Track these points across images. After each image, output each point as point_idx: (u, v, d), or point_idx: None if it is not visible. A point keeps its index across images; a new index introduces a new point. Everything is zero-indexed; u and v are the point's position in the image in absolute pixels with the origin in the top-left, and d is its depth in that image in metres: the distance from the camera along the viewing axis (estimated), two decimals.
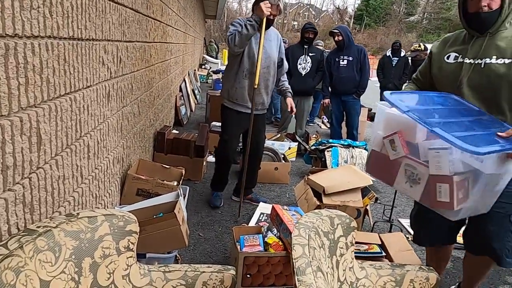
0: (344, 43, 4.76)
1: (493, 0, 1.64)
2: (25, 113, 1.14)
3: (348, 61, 4.83)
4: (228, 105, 2.93)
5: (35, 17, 1.16)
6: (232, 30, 2.71)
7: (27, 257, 0.92)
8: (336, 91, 4.97)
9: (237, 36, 2.65)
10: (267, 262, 2.10)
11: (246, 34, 2.65)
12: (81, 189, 1.68)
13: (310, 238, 1.10)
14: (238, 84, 2.84)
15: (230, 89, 2.88)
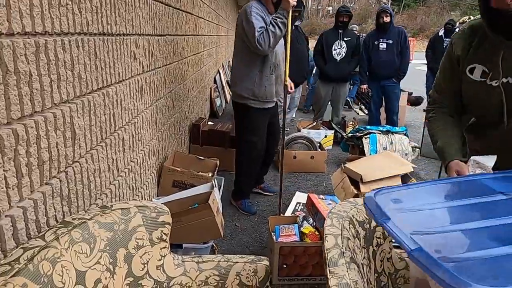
0: (390, 25, 4.59)
1: None
2: (58, 109, 1.17)
3: (388, 44, 4.64)
4: (256, 105, 2.72)
5: (64, 14, 1.19)
6: (259, 28, 2.46)
7: (63, 248, 0.95)
8: (375, 76, 4.80)
9: (271, 37, 2.43)
10: (304, 252, 2.07)
11: (280, 35, 2.47)
12: (117, 182, 1.72)
13: (343, 228, 1.06)
14: (267, 81, 2.66)
15: (258, 88, 2.67)
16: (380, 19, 4.65)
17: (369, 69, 4.83)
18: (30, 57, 1.01)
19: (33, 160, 1.04)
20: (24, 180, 1.01)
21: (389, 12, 4.62)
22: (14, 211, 0.96)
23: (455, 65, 1.39)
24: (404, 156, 3.63)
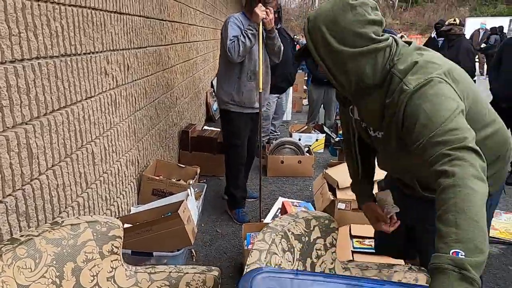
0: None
1: None
2: (12, 131, 1.25)
3: None
4: (236, 110, 2.81)
5: (17, 43, 1.27)
6: (232, 37, 2.59)
7: (5, 264, 1.02)
8: None
9: (241, 47, 2.55)
10: None
11: (250, 45, 2.58)
12: (86, 194, 1.80)
13: (272, 243, 1.12)
14: (244, 87, 2.75)
15: (236, 94, 2.76)
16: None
17: None
18: None
19: None
20: None
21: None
22: None
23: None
24: None
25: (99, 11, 1.92)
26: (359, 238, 2.38)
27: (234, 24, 2.67)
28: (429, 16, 32.33)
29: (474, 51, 4.38)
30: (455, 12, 32.40)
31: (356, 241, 2.35)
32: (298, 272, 0.86)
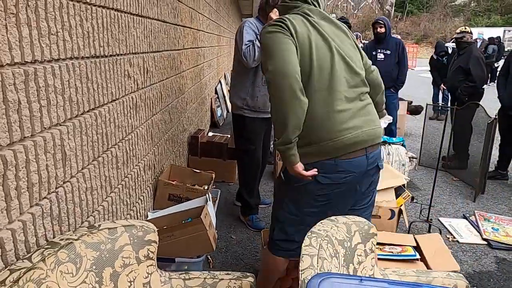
0: (386, 35, 4.63)
1: None
2: (49, 132, 1.22)
3: (386, 55, 4.69)
4: (250, 115, 2.78)
5: (54, 42, 1.24)
6: (247, 41, 2.56)
7: (49, 269, 0.99)
8: None
9: (256, 51, 2.52)
10: (296, 266, 2.10)
11: None
12: (110, 198, 1.76)
13: (321, 248, 1.09)
14: (259, 92, 2.72)
15: (250, 99, 2.74)
16: (375, 29, 4.71)
17: None
18: (19, 86, 1.06)
19: (22, 184, 1.09)
20: (13, 203, 1.05)
21: (383, 23, 4.66)
22: (2, 234, 1.01)
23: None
24: (401, 166, 3.65)
25: (124, 13, 1.90)
26: (379, 244, 2.36)
27: (249, 28, 2.66)
28: (425, 26, 32.74)
29: (484, 59, 4.41)
30: (450, 22, 32.84)
31: (377, 248, 2.32)
32: (363, 278, 0.84)
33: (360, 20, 38.45)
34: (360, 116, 1.59)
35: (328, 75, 1.55)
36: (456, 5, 35.93)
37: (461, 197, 3.72)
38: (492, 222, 3.12)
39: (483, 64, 4.29)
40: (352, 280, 0.85)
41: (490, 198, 3.73)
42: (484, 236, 2.90)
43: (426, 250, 2.28)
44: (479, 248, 2.78)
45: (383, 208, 2.63)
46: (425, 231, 2.94)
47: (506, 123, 4.00)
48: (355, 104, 1.59)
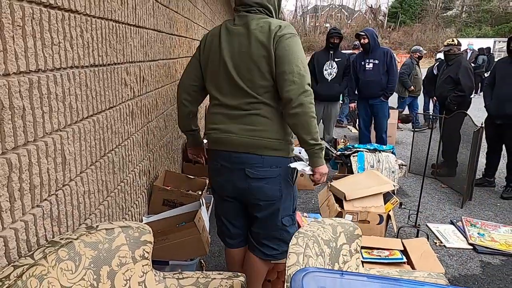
0: (370, 46, 4.75)
1: None
2: (50, 137, 1.28)
3: (374, 64, 4.81)
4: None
5: (56, 52, 1.31)
6: None
7: (50, 266, 1.05)
8: (363, 95, 4.96)
9: None
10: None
11: None
12: (107, 202, 1.82)
13: (307, 247, 1.16)
14: None
15: None
16: (359, 41, 4.87)
17: (357, 88, 5.00)
18: (24, 93, 1.13)
19: (25, 185, 1.15)
20: (16, 204, 1.11)
21: (365, 34, 4.80)
22: (6, 232, 1.07)
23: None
24: (391, 173, 3.74)
25: (122, 24, 1.98)
26: (367, 248, 2.43)
27: None
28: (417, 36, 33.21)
29: (472, 70, 4.55)
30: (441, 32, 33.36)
31: (365, 252, 2.40)
32: (344, 272, 0.90)
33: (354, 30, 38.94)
34: (236, 123, 1.79)
35: (213, 82, 1.89)
36: (448, 16, 36.56)
37: (449, 204, 3.81)
38: (478, 227, 3.21)
39: (471, 74, 4.43)
40: (333, 274, 0.92)
41: (477, 204, 3.83)
42: (470, 241, 2.98)
43: (413, 254, 2.36)
44: (465, 253, 2.86)
45: (372, 213, 2.71)
46: (413, 236, 3.02)
47: (493, 132, 4.12)
48: (231, 111, 1.81)
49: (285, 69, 1.69)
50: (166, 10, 2.96)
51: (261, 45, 1.73)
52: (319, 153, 1.76)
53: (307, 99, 1.67)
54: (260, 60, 1.73)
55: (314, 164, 1.78)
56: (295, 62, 1.69)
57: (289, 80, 1.68)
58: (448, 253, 2.84)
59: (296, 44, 1.73)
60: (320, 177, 1.82)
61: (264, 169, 1.78)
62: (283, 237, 1.91)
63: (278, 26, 1.74)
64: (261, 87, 1.75)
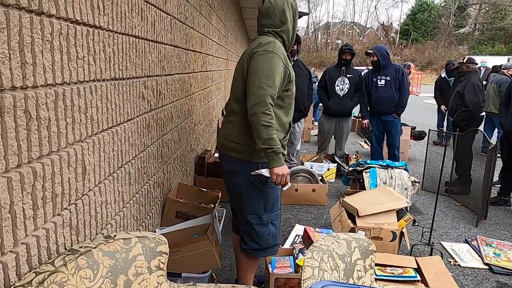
0: (380, 63, 4.78)
1: None
2: (72, 148, 1.32)
3: (386, 81, 4.82)
4: None
5: (81, 66, 1.36)
6: None
7: (70, 273, 1.07)
8: (375, 111, 4.96)
9: None
10: (298, 283, 2.15)
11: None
12: (122, 213, 1.85)
13: (322, 261, 1.17)
14: None
15: None
16: (369, 59, 4.91)
17: (369, 105, 5.00)
18: (50, 105, 1.18)
19: (48, 194, 1.19)
20: (39, 212, 1.15)
21: (373, 52, 4.83)
22: (29, 239, 1.10)
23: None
24: (404, 190, 3.71)
25: (141, 39, 2.04)
26: (380, 266, 2.41)
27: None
28: (429, 53, 33.17)
29: (482, 87, 4.53)
30: (454, 50, 33.29)
31: (378, 269, 2.37)
32: (360, 286, 0.91)
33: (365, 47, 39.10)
34: (222, 127, 2.17)
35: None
36: (460, 33, 36.51)
37: (463, 222, 3.75)
38: (493, 247, 3.15)
39: (478, 91, 4.43)
40: (350, 287, 0.92)
41: (492, 223, 3.76)
42: (486, 261, 2.92)
43: (427, 272, 2.33)
44: (480, 273, 2.81)
45: (385, 229, 2.68)
46: (427, 254, 2.97)
47: (508, 149, 4.07)
48: (224, 118, 2.18)
49: (249, 81, 1.93)
50: (183, 26, 3.04)
51: (244, 60, 2.01)
52: (272, 155, 1.89)
53: (261, 109, 1.85)
54: (239, 73, 2.03)
55: (269, 165, 1.93)
56: (258, 76, 1.89)
57: (249, 91, 1.91)
58: (463, 273, 2.79)
59: (266, 60, 1.92)
60: (276, 177, 1.94)
61: (232, 165, 2.07)
62: (252, 234, 2.09)
63: (259, 44, 1.99)
64: (237, 96, 2.04)
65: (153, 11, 2.21)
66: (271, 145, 1.87)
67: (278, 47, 1.97)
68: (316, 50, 41.74)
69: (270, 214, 2.10)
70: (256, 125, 1.87)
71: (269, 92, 1.87)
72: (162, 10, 2.39)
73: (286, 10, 2.06)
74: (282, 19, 2.06)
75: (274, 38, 2.03)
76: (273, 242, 2.11)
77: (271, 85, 1.88)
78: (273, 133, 1.87)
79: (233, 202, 2.24)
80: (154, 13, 2.23)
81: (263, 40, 1.99)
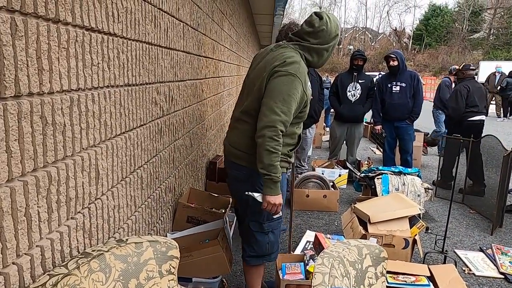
0: (399, 68, 4.74)
1: None
2: (86, 153, 1.35)
3: (401, 87, 4.78)
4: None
5: (95, 72, 1.39)
6: None
7: (82, 276, 1.09)
8: (389, 117, 4.92)
9: None
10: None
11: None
12: (134, 217, 1.87)
13: (332, 267, 1.16)
14: None
15: None
16: (388, 63, 4.83)
17: (383, 110, 4.96)
18: (65, 110, 1.20)
19: (62, 198, 1.21)
20: (53, 215, 1.17)
21: (395, 56, 4.78)
22: (43, 242, 1.12)
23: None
24: (417, 197, 3.66)
25: (154, 46, 2.07)
26: (392, 273, 2.38)
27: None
28: (443, 59, 32.83)
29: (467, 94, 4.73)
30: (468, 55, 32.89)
31: (390, 277, 2.35)
32: None
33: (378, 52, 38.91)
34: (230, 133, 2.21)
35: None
36: (475, 38, 36.07)
37: (478, 230, 3.69)
38: (509, 256, 3.09)
39: (459, 97, 4.64)
40: None
41: (507, 231, 3.69)
42: (501, 270, 2.87)
43: (440, 281, 2.29)
44: (496, 282, 2.75)
45: (397, 237, 2.65)
46: (440, 262, 2.93)
47: None
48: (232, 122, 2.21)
49: (264, 101, 1.88)
50: (195, 32, 3.08)
51: (263, 75, 1.94)
52: (269, 183, 1.86)
53: (269, 133, 1.80)
54: (257, 87, 1.96)
55: (264, 191, 1.90)
56: (274, 99, 1.84)
57: (262, 112, 1.86)
58: (478, 282, 2.74)
59: (286, 83, 1.85)
60: (267, 205, 1.90)
61: (239, 172, 2.06)
62: (252, 241, 2.10)
63: (283, 61, 1.90)
64: (250, 108, 2.00)
65: (166, 18, 2.24)
66: (271, 172, 1.83)
67: (302, 71, 1.90)
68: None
69: (271, 223, 2.09)
70: (260, 148, 1.84)
71: (282, 118, 1.82)
72: (175, 17, 2.42)
73: (335, 38, 1.99)
74: (327, 44, 1.98)
75: (299, 57, 1.95)
76: (271, 250, 2.11)
77: (286, 111, 1.83)
78: (275, 160, 1.82)
79: (239, 208, 2.25)
80: (167, 20, 2.27)
81: (288, 58, 1.90)
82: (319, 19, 1.96)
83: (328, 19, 1.96)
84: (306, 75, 1.96)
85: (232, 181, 2.16)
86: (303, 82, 1.90)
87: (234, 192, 2.18)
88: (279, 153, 1.83)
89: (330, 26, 1.96)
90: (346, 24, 49.43)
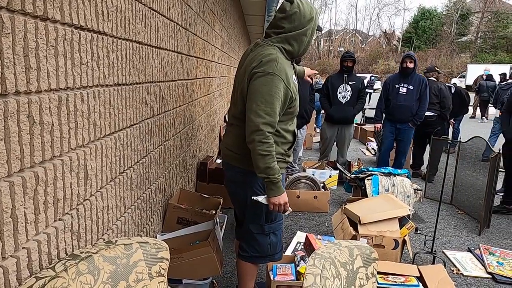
0: (412, 71, 4.76)
1: None
2: (74, 153, 1.32)
3: (408, 90, 4.80)
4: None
5: (84, 71, 1.37)
6: None
7: (70, 278, 1.07)
8: (392, 118, 4.93)
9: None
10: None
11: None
12: (124, 218, 1.85)
13: (323, 268, 1.16)
14: None
15: None
16: (404, 63, 4.82)
17: (387, 110, 4.97)
18: (53, 110, 1.18)
19: (50, 199, 1.19)
20: (40, 216, 1.15)
21: (414, 59, 4.81)
22: (30, 244, 1.10)
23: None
24: (406, 198, 3.69)
25: (145, 46, 2.05)
26: (382, 274, 2.39)
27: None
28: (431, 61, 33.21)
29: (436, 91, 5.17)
30: (456, 58, 33.35)
31: (380, 277, 2.36)
32: None
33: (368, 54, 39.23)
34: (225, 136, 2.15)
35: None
36: (463, 42, 36.57)
37: (466, 231, 3.73)
38: (497, 256, 3.13)
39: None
40: None
41: (495, 232, 3.74)
42: (489, 270, 2.90)
43: (429, 281, 2.31)
44: (483, 282, 2.78)
45: (387, 237, 2.67)
46: (429, 263, 2.95)
47: (510, 157, 4.06)
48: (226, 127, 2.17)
49: (247, 105, 1.86)
50: (186, 32, 3.06)
51: (244, 78, 1.93)
52: (270, 185, 1.86)
53: (257, 138, 1.79)
54: (239, 92, 1.96)
55: (267, 194, 1.90)
56: (256, 101, 1.81)
57: (247, 117, 1.84)
58: (466, 282, 2.77)
59: (266, 83, 1.81)
60: (273, 207, 1.90)
61: (236, 174, 2.05)
62: (252, 243, 2.09)
63: (259, 61, 1.86)
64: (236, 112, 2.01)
65: (157, 17, 2.23)
66: (269, 174, 1.81)
67: (280, 67, 1.83)
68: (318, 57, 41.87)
69: (272, 224, 2.08)
70: (253, 154, 1.83)
71: (267, 120, 1.79)
72: (165, 16, 2.40)
73: (311, 21, 1.93)
74: (304, 28, 1.91)
75: (276, 52, 1.89)
76: (273, 251, 2.10)
77: (270, 112, 1.79)
78: (271, 162, 1.80)
79: (237, 210, 2.24)
80: (158, 19, 2.25)
81: (264, 57, 1.85)
82: (290, 3, 1.91)
83: (300, 2, 1.91)
84: (286, 70, 1.88)
85: (229, 183, 2.15)
86: (284, 79, 1.84)
87: (233, 195, 2.17)
88: (273, 154, 1.82)
89: (303, 8, 1.89)
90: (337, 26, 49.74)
